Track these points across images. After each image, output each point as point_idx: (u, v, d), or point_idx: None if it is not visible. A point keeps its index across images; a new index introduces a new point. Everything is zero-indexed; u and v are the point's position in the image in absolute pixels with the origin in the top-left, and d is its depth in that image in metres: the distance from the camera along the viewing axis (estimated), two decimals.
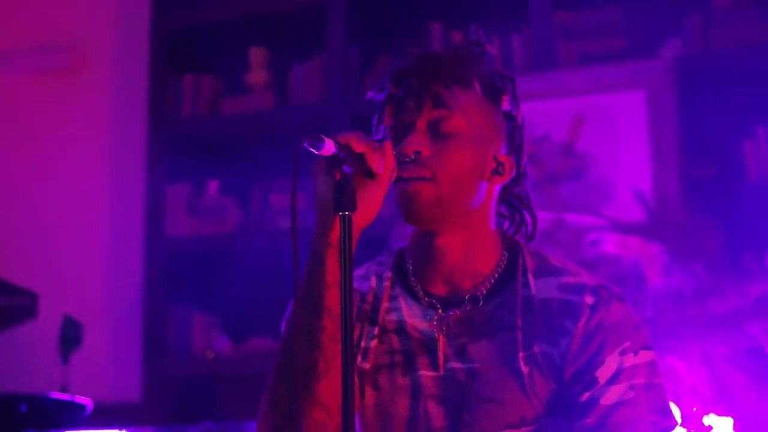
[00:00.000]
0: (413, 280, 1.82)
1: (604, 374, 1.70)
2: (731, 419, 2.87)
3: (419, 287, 1.81)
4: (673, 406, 1.76)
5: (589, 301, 1.74)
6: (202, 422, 2.75)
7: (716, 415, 2.87)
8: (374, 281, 1.85)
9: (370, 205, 1.66)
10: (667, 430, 1.71)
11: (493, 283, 1.79)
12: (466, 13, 4.05)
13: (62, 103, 4.75)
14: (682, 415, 2.84)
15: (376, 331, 1.80)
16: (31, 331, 4.09)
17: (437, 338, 1.77)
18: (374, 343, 1.79)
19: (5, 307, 3.74)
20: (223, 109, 4.42)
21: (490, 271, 1.79)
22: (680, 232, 3.20)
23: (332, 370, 1.64)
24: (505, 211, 1.88)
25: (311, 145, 1.60)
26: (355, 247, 1.60)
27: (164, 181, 4.37)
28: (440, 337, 1.77)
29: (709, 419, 2.86)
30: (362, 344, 1.79)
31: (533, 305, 1.76)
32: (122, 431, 2.73)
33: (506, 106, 1.83)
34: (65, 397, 3.12)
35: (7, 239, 4.65)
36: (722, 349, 2.91)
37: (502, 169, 1.80)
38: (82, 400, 3.08)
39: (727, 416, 2.87)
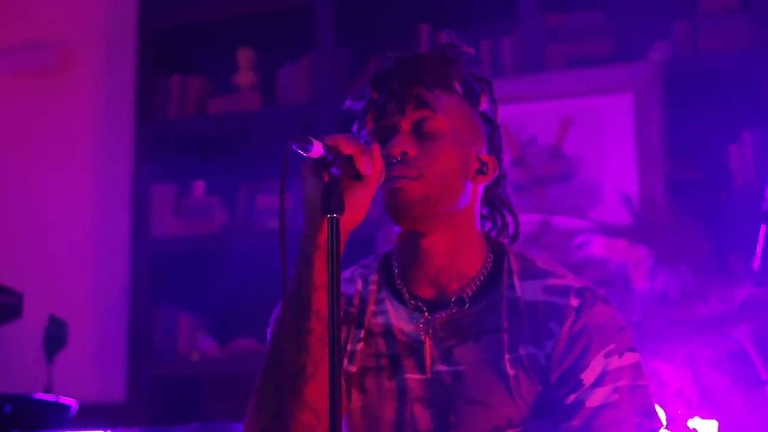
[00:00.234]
0: (399, 282, 1.82)
1: (589, 377, 1.70)
2: (716, 422, 2.88)
3: (405, 290, 1.81)
4: (658, 408, 1.76)
5: (574, 303, 1.74)
6: (187, 423, 2.74)
7: (701, 418, 2.87)
8: (360, 284, 1.84)
9: (358, 207, 1.66)
10: (652, 431, 1.71)
11: (478, 285, 1.79)
12: (455, 14, 4.05)
13: (49, 102, 4.73)
14: (667, 417, 2.84)
15: (362, 334, 1.80)
16: (15, 330, 4.07)
17: (423, 341, 1.77)
18: (360, 346, 1.79)
19: None
20: (210, 109, 4.41)
21: (475, 273, 1.79)
22: (666, 235, 3.20)
23: (320, 372, 1.64)
24: (486, 212, 1.88)
25: (299, 146, 1.60)
26: (343, 249, 1.60)
27: (151, 180, 4.36)
28: (426, 339, 1.77)
29: (693, 422, 2.87)
30: (348, 347, 1.79)
31: (519, 307, 1.76)
32: None
33: (484, 107, 1.83)
34: (50, 397, 3.10)
35: None
36: (707, 352, 2.91)
37: (486, 168, 1.81)
38: (66, 400, 3.07)
39: (711, 419, 2.88)
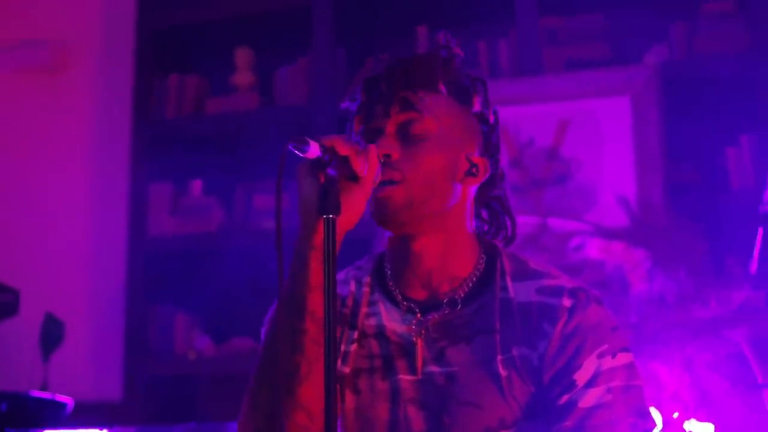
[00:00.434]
0: (392, 284, 1.82)
1: (582, 377, 1.70)
2: (712, 425, 2.87)
3: (398, 291, 1.81)
4: (654, 411, 1.76)
5: (567, 303, 1.74)
6: (184, 422, 2.74)
7: (697, 421, 2.87)
8: (353, 286, 1.85)
9: (353, 208, 1.66)
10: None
11: (471, 286, 1.79)
12: (452, 16, 4.05)
13: (47, 101, 4.73)
14: (663, 420, 2.84)
15: (355, 335, 1.80)
16: (12, 328, 4.07)
17: (416, 342, 1.77)
18: (354, 347, 1.79)
19: None
20: (207, 109, 4.41)
21: (468, 274, 1.80)
22: (664, 237, 3.20)
23: (314, 373, 1.64)
24: (485, 215, 1.88)
25: (296, 147, 1.60)
26: (338, 250, 1.60)
27: (148, 180, 4.36)
28: (419, 341, 1.77)
29: (690, 425, 2.86)
30: (342, 348, 1.79)
31: (511, 308, 1.76)
32: (103, 431, 2.71)
33: (477, 107, 1.83)
34: (46, 395, 3.10)
35: None
36: (704, 355, 2.91)
37: (476, 170, 1.80)
38: (63, 398, 3.06)
39: (708, 422, 2.88)
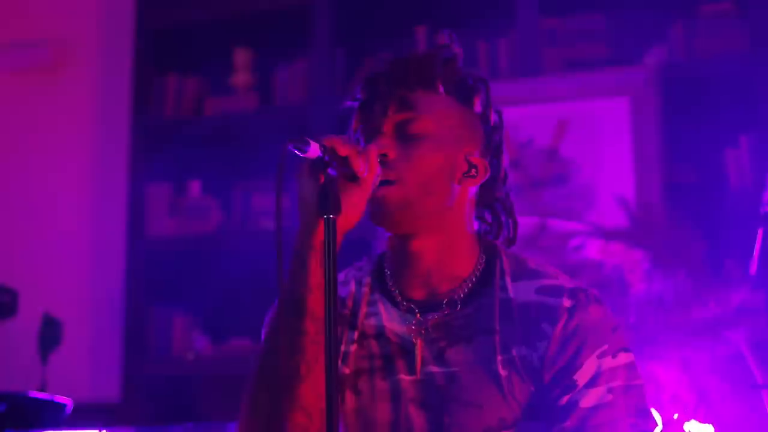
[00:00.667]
0: (391, 284, 1.82)
1: (582, 377, 1.70)
2: (712, 426, 2.87)
3: (397, 292, 1.81)
4: (653, 411, 1.76)
5: (567, 304, 1.73)
6: (182, 422, 2.73)
7: (697, 422, 2.87)
8: (353, 286, 1.85)
9: (353, 208, 1.66)
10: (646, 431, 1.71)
11: (470, 286, 1.78)
12: (452, 16, 4.05)
13: (45, 100, 4.73)
14: (663, 421, 2.84)
15: (355, 335, 1.80)
16: (10, 329, 4.07)
17: (415, 342, 1.76)
18: (354, 347, 1.79)
19: None
20: (206, 109, 4.41)
21: (467, 274, 1.79)
22: (662, 238, 3.20)
23: (314, 373, 1.64)
24: (488, 216, 1.87)
25: (296, 147, 1.60)
26: (338, 250, 1.60)
27: (146, 180, 4.36)
28: (418, 341, 1.76)
29: (689, 426, 2.86)
30: (342, 349, 1.79)
31: (511, 308, 1.75)
32: (102, 431, 2.71)
33: (479, 108, 1.82)
34: (45, 396, 3.10)
35: None
36: (703, 356, 2.91)
37: (475, 171, 1.79)
38: (62, 399, 3.06)
39: (707, 423, 2.87)
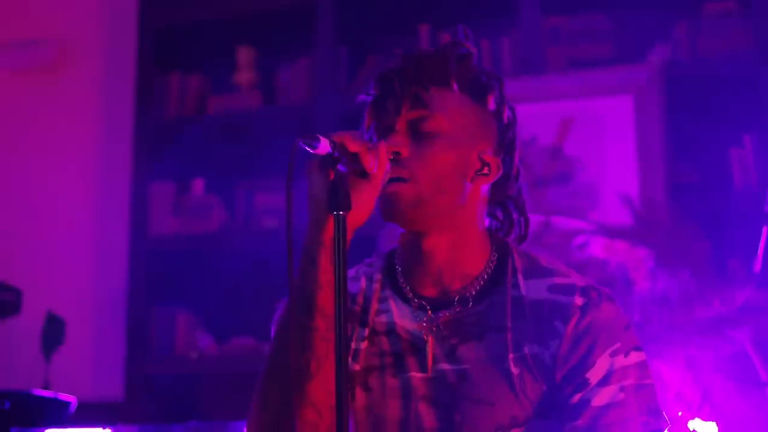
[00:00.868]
0: (402, 281, 1.81)
1: (594, 376, 1.70)
2: (716, 424, 2.88)
3: (409, 289, 1.80)
4: None
5: (579, 302, 1.73)
6: (185, 421, 2.73)
7: (701, 420, 2.87)
8: (364, 282, 1.84)
9: (363, 205, 1.65)
10: (658, 430, 1.70)
11: (482, 284, 1.78)
12: (455, 14, 4.03)
13: (48, 99, 4.73)
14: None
15: (366, 332, 1.80)
16: (13, 327, 4.07)
17: (426, 339, 1.76)
18: (364, 344, 1.79)
19: None
20: (209, 107, 4.41)
21: (479, 272, 1.79)
22: (666, 236, 3.20)
23: (324, 370, 1.64)
24: (500, 214, 1.87)
25: (306, 143, 1.59)
26: (348, 247, 1.60)
27: (149, 179, 4.36)
28: (429, 338, 1.76)
29: (694, 424, 2.87)
30: (352, 346, 1.79)
31: (523, 306, 1.75)
32: (105, 429, 2.71)
33: (492, 105, 1.82)
34: (49, 394, 3.09)
35: None
36: (708, 354, 2.92)
37: (488, 169, 1.79)
38: (66, 397, 3.06)
39: (711, 421, 2.88)
